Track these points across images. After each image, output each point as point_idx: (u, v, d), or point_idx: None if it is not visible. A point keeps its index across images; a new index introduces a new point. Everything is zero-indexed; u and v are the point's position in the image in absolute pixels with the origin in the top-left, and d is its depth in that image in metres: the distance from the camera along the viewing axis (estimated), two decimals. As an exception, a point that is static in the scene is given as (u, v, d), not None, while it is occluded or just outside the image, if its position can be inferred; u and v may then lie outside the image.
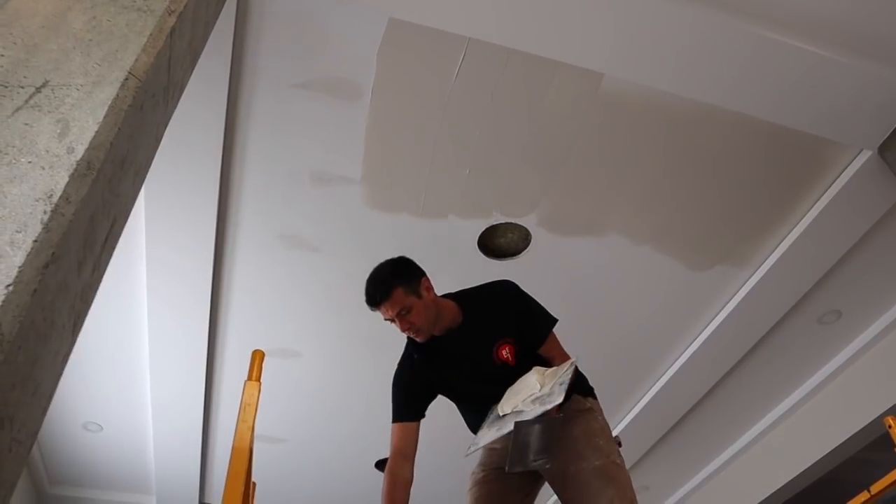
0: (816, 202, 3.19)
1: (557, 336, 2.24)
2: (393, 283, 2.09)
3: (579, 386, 2.26)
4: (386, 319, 2.13)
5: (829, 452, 4.15)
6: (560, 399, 1.89)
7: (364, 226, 3.29)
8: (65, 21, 1.34)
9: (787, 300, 3.65)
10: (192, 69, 1.91)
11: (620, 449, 2.22)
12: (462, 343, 2.18)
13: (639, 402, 4.42)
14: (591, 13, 2.44)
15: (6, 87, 1.15)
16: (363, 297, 2.11)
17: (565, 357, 2.18)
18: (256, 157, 3.04)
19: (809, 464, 4.26)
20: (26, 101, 1.15)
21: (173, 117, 1.85)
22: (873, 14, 2.47)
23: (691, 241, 3.47)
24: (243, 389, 1.72)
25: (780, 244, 3.41)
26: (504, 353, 2.16)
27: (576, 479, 2.10)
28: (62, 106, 1.16)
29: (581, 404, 2.21)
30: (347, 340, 3.93)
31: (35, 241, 0.96)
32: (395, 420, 2.20)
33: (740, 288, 3.66)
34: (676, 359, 4.12)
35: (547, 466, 1.99)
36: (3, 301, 0.87)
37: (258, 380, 1.77)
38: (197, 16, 1.79)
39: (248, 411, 1.66)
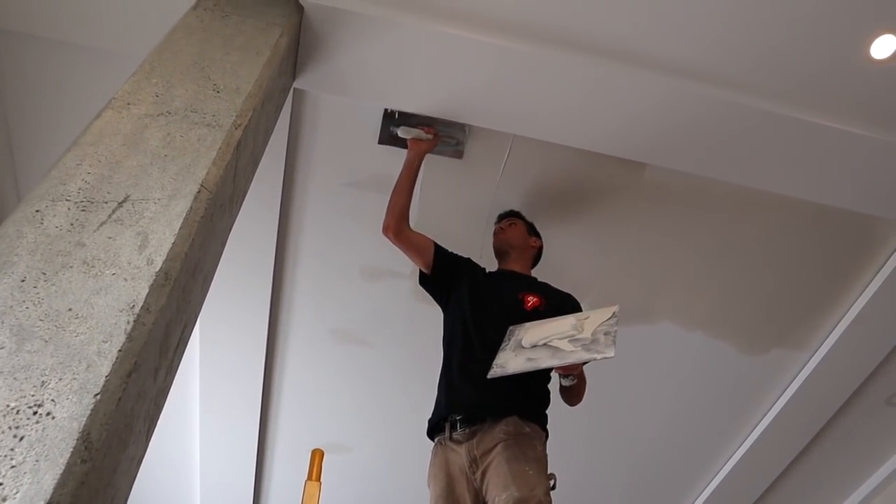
0: (874, 279, 3.12)
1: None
2: (524, 219, 2.82)
3: (525, 409, 2.25)
4: (497, 228, 2.79)
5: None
6: (611, 354, 1.91)
7: (414, 319, 3.31)
8: (143, 138, 1.43)
9: (852, 382, 3.51)
10: (253, 176, 2.00)
11: (553, 491, 2.10)
12: (508, 283, 2.59)
13: (701, 493, 4.25)
14: (622, 108, 2.49)
15: (92, 202, 1.23)
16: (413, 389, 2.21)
17: None
18: (308, 254, 3.12)
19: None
20: (109, 216, 1.22)
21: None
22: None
23: (744, 325, 3.41)
24: (304, 489, 1.71)
25: (838, 324, 3.32)
26: (530, 299, 2.44)
27: None
28: (142, 219, 1.23)
29: (519, 427, 2.18)
30: (398, 433, 3.88)
31: (120, 350, 1.00)
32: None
33: (800, 371, 3.54)
34: (737, 448, 3.96)
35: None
36: (92, 410, 0.91)
37: (318, 479, 1.76)
38: (259, 126, 1.89)
39: (309, 512, 1.64)
